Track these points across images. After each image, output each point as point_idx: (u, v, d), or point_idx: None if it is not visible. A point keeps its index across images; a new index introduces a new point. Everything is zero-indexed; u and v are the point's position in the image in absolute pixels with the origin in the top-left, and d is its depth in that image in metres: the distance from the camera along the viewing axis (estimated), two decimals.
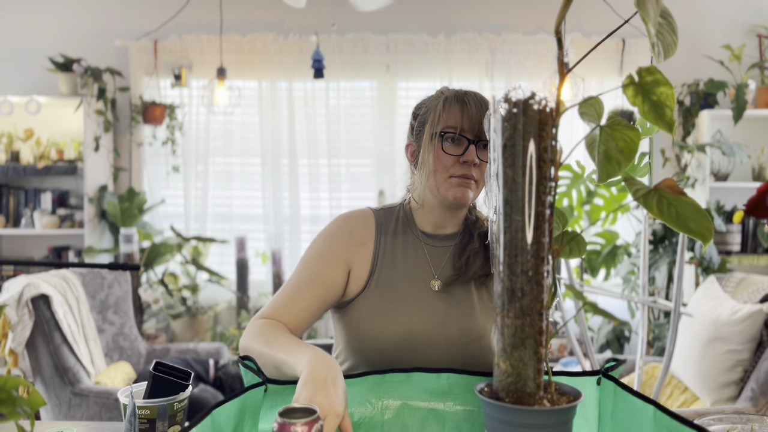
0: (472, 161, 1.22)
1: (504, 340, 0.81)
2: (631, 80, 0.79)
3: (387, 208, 1.36)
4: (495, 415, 0.81)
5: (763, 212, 0.80)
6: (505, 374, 0.81)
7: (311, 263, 1.27)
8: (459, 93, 1.26)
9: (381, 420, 1.04)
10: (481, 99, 1.26)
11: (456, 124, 1.22)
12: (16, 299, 2.46)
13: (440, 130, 1.23)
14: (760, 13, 4.08)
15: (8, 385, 0.63)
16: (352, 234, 1.29)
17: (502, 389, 0.82)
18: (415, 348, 1.22)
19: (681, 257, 2.07)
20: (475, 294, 1.27)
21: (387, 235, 1.30)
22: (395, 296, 1.24)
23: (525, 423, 0.79)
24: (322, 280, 1.25)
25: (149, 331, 3.89)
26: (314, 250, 1.29)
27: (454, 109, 1.23)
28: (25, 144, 4.04)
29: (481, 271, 1.28)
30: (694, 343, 2.39)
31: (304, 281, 1.26)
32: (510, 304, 0.80)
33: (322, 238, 1.30)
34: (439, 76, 4.06)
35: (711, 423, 0.91)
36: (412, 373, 1.04)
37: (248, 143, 4.17)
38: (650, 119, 0.79)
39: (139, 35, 4.08)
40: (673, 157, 4.08)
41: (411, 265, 1.28)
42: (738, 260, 3.81)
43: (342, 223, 1.31)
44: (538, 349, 0.79)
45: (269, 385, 1.01)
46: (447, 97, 1.25)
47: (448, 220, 1.31)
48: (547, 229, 0.79)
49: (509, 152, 0.79)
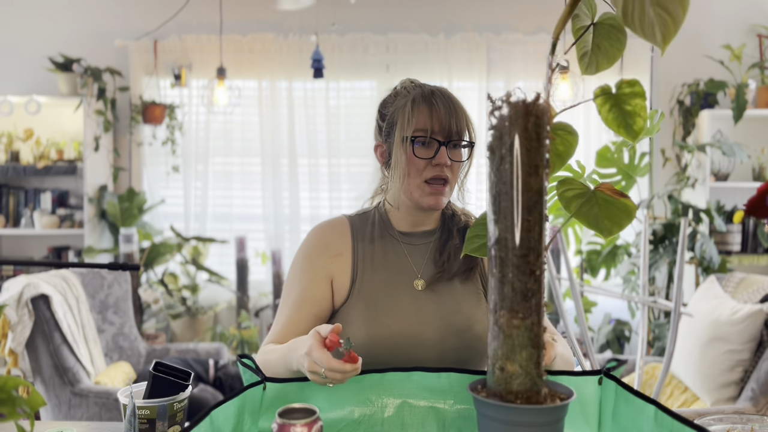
0: (444, 163, 1.21)
1: (498, 339, 0.81)
2: (604, 91, 0.81)
3: (362, 213, 1.36)
4: (486, 412, 0.81)
5: (763, 212, 0.80)
6: (499, 373, 0.81)
7: (296, 284, 1.28)
8: (426, 93, 1.24)
9: (381, 418, 1.04)
10: (449, 97, 1.25)
11: (426, 126, 1.21)
12: (16, 299, 2.46)
13: (411, 134, 1.22)
14: (760, 13, 4.08)
15: (8, 385, 0.63)
16: (328, 246, 1.29)
17: (495, 387, 0.82)
18: (406, 350, 1.21)
19: (681, 257, 2.07)
20: (460, 288, 1.27)
21: (364, 241, 1.29)
22: (380, 301, 1.24)
23: (517, 421, 0.79)
24: (310, 298, 1.26)
25: (149, 331, 3.89)
26: (296, 270, 1.29)
27: (423, 111, 1.22)
28: (25, 144, 4.04)
29: (463, 267, 1.28)
30: (694, 343, 2.39)
31: (295, 304, 1.26)
32: (504, 302, 0.79)
33: (301, 256, 1.30)
34: (439, 75, 4.06)
35: (711, 423, 0.91)
36: (411, 372, 1.04)
37: (248, 143, 4.17)
38: (613, 126, 0.83)
39: (139, 35, 4.08)
40: (673, 157, 4.08)
41: (392, 267, 1.28)
42: (738, 260, 3.81)
43: (317, 236, 1.31)
44: (532, 348, 0.79)
45: (268, 383, 1.01)
46: (414, 98, 1.24)
47: (424, 218, 1.31)
48: (539, 230, 0.79)
49: (502, 153, 0.79)
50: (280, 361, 1.11)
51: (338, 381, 0.96)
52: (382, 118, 1.30)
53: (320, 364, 0.94)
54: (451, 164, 1.23)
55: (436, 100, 1.23)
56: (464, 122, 1.24)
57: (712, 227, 3.78)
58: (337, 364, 0.94)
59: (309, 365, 0.97)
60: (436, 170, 1.22)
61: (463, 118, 1.24)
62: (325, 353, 0.95)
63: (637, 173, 3.86)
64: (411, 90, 1.27)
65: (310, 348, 0.96)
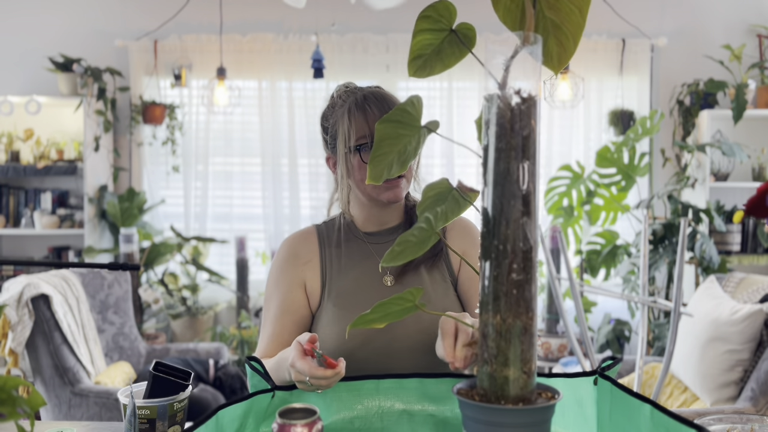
0: None
1: (488, 339, 0.80)
2: None
3: (329, 220, 1.39)
4: (470, 414, 0.81)
5: (763, 212, 0.80)
6: (487, 373, 0.80)
7: (273, 297, 1.31)
8: (359, 100, 1.27)
9: (380, 426, 1.04)
10: (381, 97, 1.27)
11: (365, 132, 1.24)
12: (16, 299, 2.46)
13: (354, 143, 1.25)
14: (760, 13, 4.08)
15: (8, 385, 0.63)
16: (297, 255, 1.32)
17: (481, 388, 0.81)
18: (379, 345, 1.22)
19: (681, 257, 2.07)
20: (427, 277, 1.29)
21: (331, 246, 1.33)
22: (350, 303, 1.26)
23: (500, 422, 0.78)
24: (289, 308, 1.29)
25: (149, 331, 3.89)
26: (272, 283, 1.33)
27: (359, 119, 1.25)
28: (25, 144, 4.04)
29: (428, 254, 1.29)
30: (694, 343, 2.39)
31: (275, 316, 1.29)
32: (495, 302, 0.79)
33: (274, 269, 1.34)
34: (439, 75, 4.05)
35: (711, 423, 0.91)
36: (409, 378, 1.04)
37: (248, 143, 4.17)
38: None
39: (139, 35, 4.08)
40: (673, 157, 4.08)
41: (360, 268, 1.30)
42: (738, 260, 3.81)
43: (286, 247, 1.34)
44: (522, 348, 0.79)
45: (277, 392, 1.02)
46: (349, 107, 1.26)
47: (387, 214, 1.33)
48: (532, 228, 0.79)
49: (498, 150, 0.79)
50: (273, 374, 1.13)
51: (325, 387, 0.98)
52: (326, 131, 1.33)
53: (303, 373, 0.97)
54: None
55: (369, 105, 1.25)
56: None
57: (712, 227, 3.78)
58: (319, 371, 0.96)
59: (294, 375, 1.00)
60: None
61: None
62: (306, 362, 0.97)
63: (637, 173, 3.86)
64: (346, 98, 1.29)
65: (293, 360, 0.99)
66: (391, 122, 0.91)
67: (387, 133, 0.91)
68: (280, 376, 1.11)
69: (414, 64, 0.94)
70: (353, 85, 1.33)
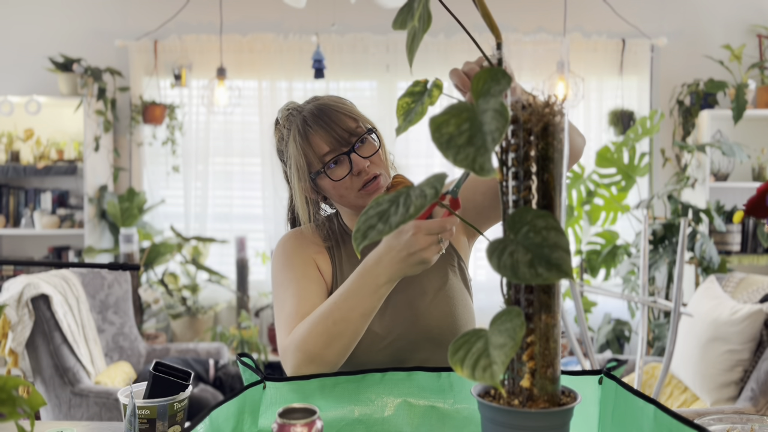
0: (364, 167, 1.20)
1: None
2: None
3: (319, 223, 1.34)
4: (490, 416, 0.80)
5: (763, 212, 0.80)
6: (507, 374, 0.80)
7: (288, 280, 1.23)
8: (300, 127, 1.22)
9: (381, 417, 1.04)
10: (321, 110, 1.23)
11: (321, 152, 1.20)
12: (16, 299, 2.47)
13: (317, 168, 1.21)
14: (760, 13, 4.08)
15: (8, 385, 0.63)
16: (303, 245, 1.28)
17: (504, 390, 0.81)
18: (380, 344, 1.21)
19: (681, 257, 2.07)
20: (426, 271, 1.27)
21: (336, 242, 1.30)
22: None
23: (522, 425, 0.77)
24: (310, 274, 1.24)
25: (149, 331, 3.89)
26: (282, 270, 1.26)
27: (308, 145, 1.21)
28: (25, 144, 4.04)
29: None
30: (694, 343, 2.39)
31: (300, 286, 1.22)
32: (517, 303, 0.78)
33: (282, 258, 1.27)
34: (439, 76, 4.05)
35: (711, 423, 0.91)
36: (412, 371, 1.04)
37: (248, 143, 4.18)
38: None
39: (139, 35, 4.08)
40: (673, 157, 4.08)
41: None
42: (738, 260, 3.81)
43: (290, 238, 1.30)
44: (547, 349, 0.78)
45: (267, 382, 1.01)
46: (294, 138, 1.22)
47: None
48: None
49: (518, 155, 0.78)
50: (351, 299, 1.08)
51: (448, 237, 1.01)
52: (287, 164, 1.29)
53: (435, 230, 0.99)
54: (371, 158, 1.22)
55: (311, 125, 1.21)
56: (349, 120, 1.22)
57: (712, 227, 3.78)
58: (447, 221, 1.00)
59: (422, 242, 1.00)
60: (362, 176, 1.21)
61: (345, 117, 1.22)
62: (433, 221, 1.00)
63: (637, 173, 3.86)
64: (290, 127, 1.25)
65: (416, 228, 1.00)
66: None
67: None
68: (367, 290, 1.06)
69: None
70: (293, 105, 1.29)
